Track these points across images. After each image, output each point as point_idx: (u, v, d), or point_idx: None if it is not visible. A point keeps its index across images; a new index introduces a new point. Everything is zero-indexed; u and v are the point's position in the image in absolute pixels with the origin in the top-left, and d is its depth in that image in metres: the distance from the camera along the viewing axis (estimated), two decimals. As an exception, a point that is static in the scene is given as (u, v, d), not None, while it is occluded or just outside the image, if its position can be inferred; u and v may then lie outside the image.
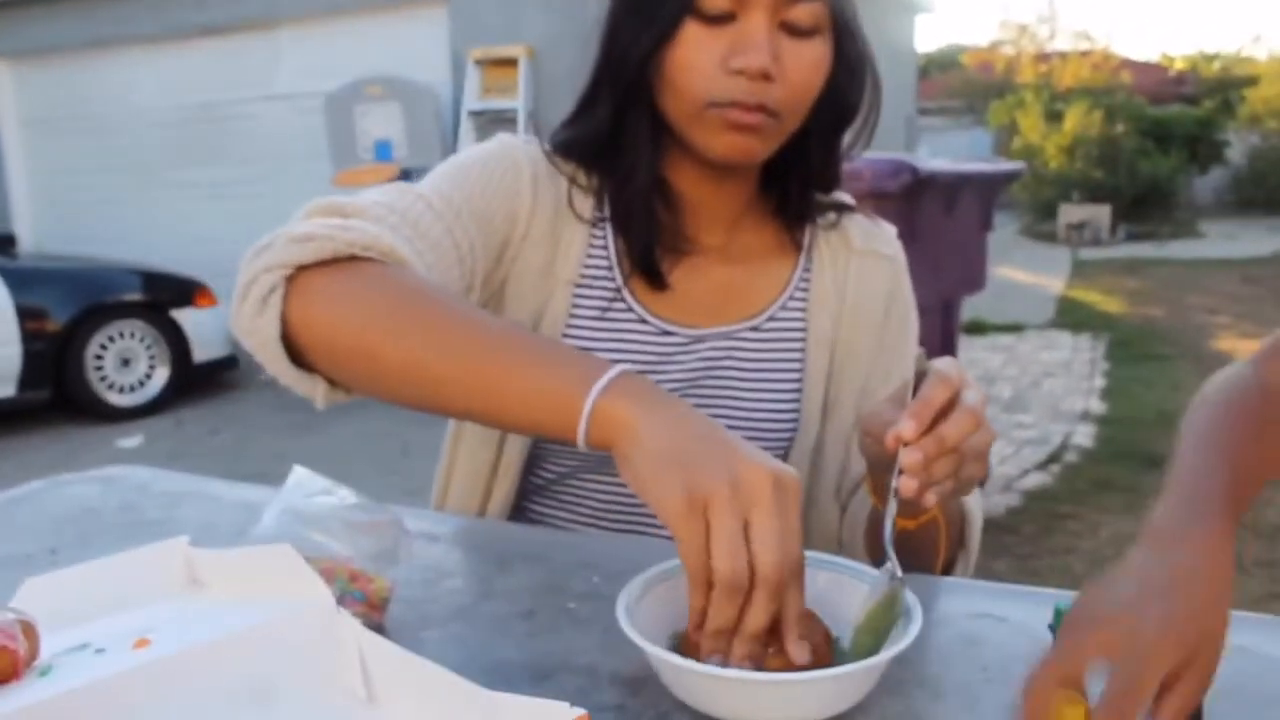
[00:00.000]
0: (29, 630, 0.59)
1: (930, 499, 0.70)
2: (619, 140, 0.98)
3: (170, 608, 0.70)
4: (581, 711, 0.49)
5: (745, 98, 0.89)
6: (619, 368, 0.69)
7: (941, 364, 0.72)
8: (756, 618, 0.61)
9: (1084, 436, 4.96)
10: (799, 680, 0.60)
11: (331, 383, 0.80)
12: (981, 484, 0.80)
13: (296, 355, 0.79)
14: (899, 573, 0.69)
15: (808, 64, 0.91)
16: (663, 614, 0.70)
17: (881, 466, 0.79)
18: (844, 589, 0.72)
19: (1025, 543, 3.59)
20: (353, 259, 0.79)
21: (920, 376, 0.72)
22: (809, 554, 0.67)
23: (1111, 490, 4.16)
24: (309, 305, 0.77)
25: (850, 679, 0.62)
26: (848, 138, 1.02)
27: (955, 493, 0.73)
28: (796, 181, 1.04)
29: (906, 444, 0.68)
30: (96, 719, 0.54)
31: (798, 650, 0.63)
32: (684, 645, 0.66)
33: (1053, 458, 4.60)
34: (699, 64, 0.89)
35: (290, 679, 0.60)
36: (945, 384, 0.70)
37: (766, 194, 1.06)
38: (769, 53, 0.87)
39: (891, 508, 0.71)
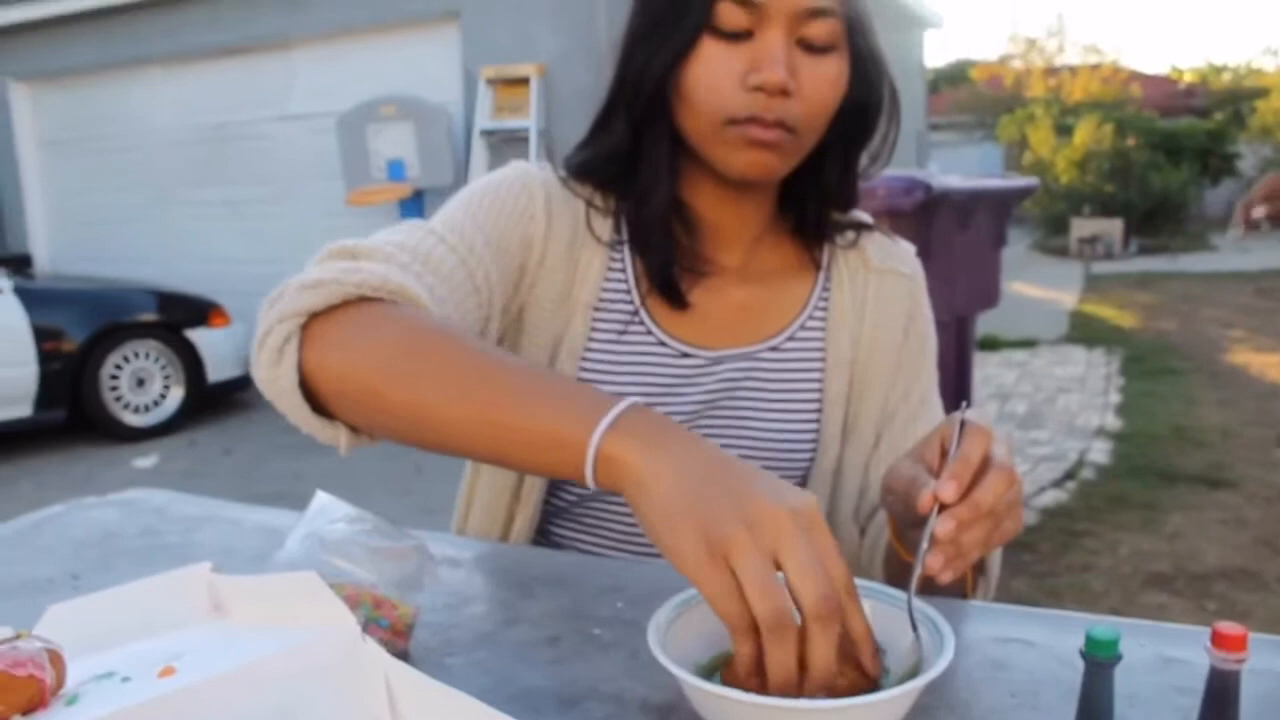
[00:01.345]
0: (56, 659, 0.59)
1: (948, 577, 0.68)
2: (636, 160, 0.98)
3: (195, 635, 0.69)
4: None
5: (764, 113, 0.88)
6: (625, 402, 0.67)
7: (973, 416, 0.72)
8: (821, 655, 0.58)
9: (1100, 453, 4.94)
10: (839, 707, 0.59)
11: (354, 430, 0.80)
12: None
13: (317, 403, 0.79)
14: (923, 650, 0.67)
15: (825, 80, 0.91)
16: (692, 640, 0.69)
17: (907, 522, 0.78)
18: (882, 617, 0.71)
19: (1042, 561, 3.56)
20: (363, 300, 0.79)
21: (960, 427, 0.71)
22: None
23: (1128, 507, 4.13)
24: (322, 352, 0.77)
25: (886, 706, 0.61)
26: (867, 156, 1.02)
27: (990, 549, 0.72)
28: (814, 200, 1.04)
29: (945, 506, 0.67)
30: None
31: (874, 664, 0.62)
32: (721, 672, 0.65)
33: (1069, 474, 4.58)
34: (717, 81, 0.89)
35: (315, 707, 0.59)
36: (983, 439, 0.70)
37: (784, 213, 1.06)
38: (787, 68, 0.87)
39: (915, 575, 0.69)
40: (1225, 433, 5.21)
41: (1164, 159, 17.17)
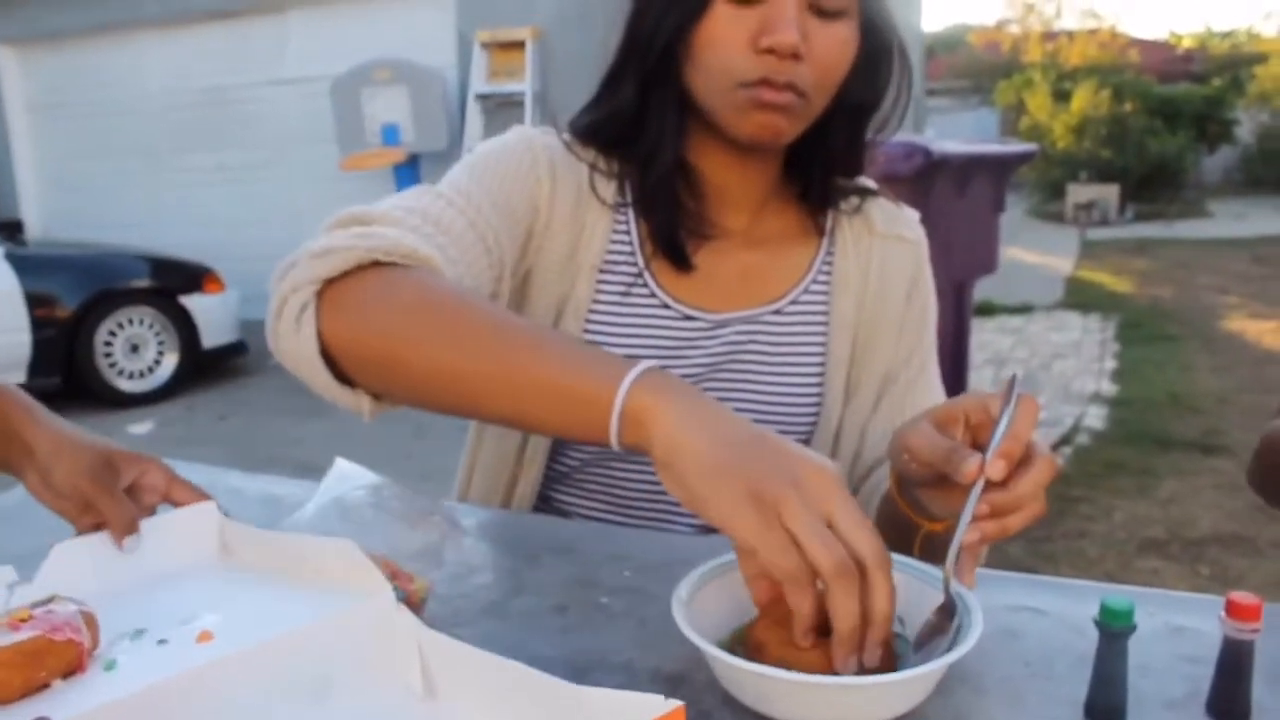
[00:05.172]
0: (90, 620, 0.60)
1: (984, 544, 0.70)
2: (642, 122, 0.97)
3: (222, 591, 0.70)
4: (678, 703, 0.48)
5: (775, 76, 0.88)
6: (644, 364, 0.67)
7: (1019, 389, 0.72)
8: (884, 601, 0.60)
9: (1095, 419, 4.95)
10: (884, 682, 0.60)
11: (376, 396, 0.79)
12: None
13: (338, 371, 0.78)
14: (959, 635, 0.66)
15: (835, 44, 0.90)
16: (713, 614, 0.69)
17: (917, 482, 0.78)
18: (910, 590, 0.72)
19: (1038, 526, 3.57)
20: (376, 265, 0.78)
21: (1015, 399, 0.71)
22: None
23: (1124, 472, 4.15)
24: (339, 319, 0.76)
25: (918, 681, 0.62)
26: (875, 123, 1.01)
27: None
28: (820, 166, 1.03)
29: (991, 483, 0.68)
30: (165, 716, 0.54)
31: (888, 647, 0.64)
32: (743, 645, 0.65)
33: (1064, 440, 4.59)
34: (729, 42, 0.89)
35: (349, 674, 0.60)
36: (1033, 413, 0.70)
37: (789, 178, 1.05)
38: (799, 31, 0.87)
39: (955, 546, 0.69)
40: (1220, 399, 5.23)
41: (1161, 125, 17.09)
